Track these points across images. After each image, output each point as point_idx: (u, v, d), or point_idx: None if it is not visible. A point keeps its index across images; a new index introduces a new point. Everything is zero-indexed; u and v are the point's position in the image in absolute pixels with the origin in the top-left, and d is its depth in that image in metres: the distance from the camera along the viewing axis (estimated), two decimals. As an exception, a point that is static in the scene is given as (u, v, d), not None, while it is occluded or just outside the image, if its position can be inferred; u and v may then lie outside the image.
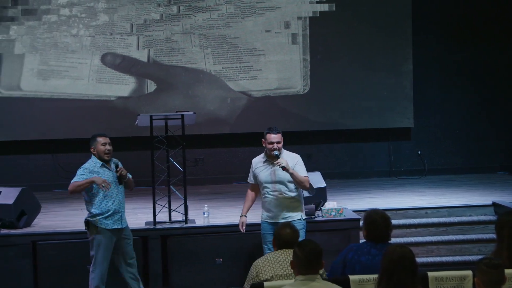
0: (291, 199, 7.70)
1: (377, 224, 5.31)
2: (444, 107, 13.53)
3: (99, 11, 12.51)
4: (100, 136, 7.83)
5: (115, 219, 7.64)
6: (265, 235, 7.74)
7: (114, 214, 7.63)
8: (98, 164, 7.65)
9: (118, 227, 7.66)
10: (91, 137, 7.87)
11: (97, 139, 7.77)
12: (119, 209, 7.68)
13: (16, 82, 12.42)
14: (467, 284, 5.07)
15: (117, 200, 7.66)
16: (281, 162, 7.46)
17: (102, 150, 7.69)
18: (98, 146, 7.71)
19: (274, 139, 7.62)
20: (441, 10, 13.40)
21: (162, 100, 12.68)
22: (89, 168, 7.61)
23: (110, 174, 7.65)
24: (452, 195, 11.09)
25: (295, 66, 12.89)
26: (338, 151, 13.39)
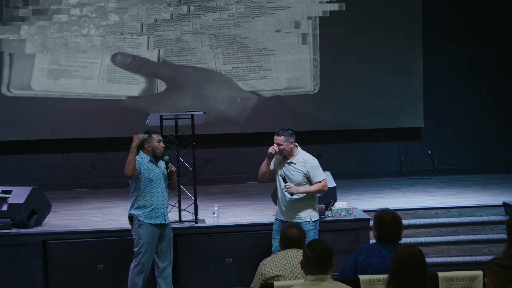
0: (302, 200, 7.62)
1: (388, 224, 5.28)
2: (454, 107, 13.50)
3: (110, 11, 12.54)
4: (155, 133, 7.87)
5: (158, 214, 7.71)
6: (275, 232, 7.72)
7: (158, 209, 7.70)
8: (146, 160, 7.72)
9: (161, 222, 7.73)
10: (144, 133, 7.83)
11: (153, 136, 7.80)
12: (162, 205, 7.76)
13: (26, 81, 12.46)
14: (477, 285, 5.05)
15: (161, 196, 7.75)
16: (288, 188, 7.47)
17: (158, 147, 7.75)
18: (153, 143, 7.75)
19: (275, 140, 7.55)
20: (452, 9, 13.37)
21: (172, 100, 12.70)
22: (138, 161, 7.67)
23: (157, 170, 7.73)
24: (463, 195, 11.06)
25: (305, 66, 12.88)
26: (348, 151, 13.38)
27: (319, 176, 7.61)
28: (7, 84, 12.42)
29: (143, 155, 7.75)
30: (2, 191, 9.11)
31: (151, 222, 7.69)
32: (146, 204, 7.68)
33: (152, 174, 7.69)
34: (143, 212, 7.67)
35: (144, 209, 7.68)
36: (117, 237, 8.77)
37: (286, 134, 7.56)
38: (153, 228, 7.71)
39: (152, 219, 7.69)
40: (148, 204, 7.68)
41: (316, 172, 7.60)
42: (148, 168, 7.69)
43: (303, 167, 7.56)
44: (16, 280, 8.55)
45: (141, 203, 7.68)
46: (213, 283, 8.76)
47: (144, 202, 7.68)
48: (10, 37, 12.37)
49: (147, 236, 7.69)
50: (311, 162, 7.65)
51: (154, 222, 7.70)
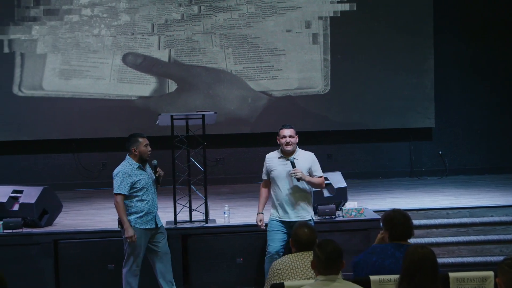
0: (304, 197, 7.75)
1: (398, 221, 5.24)
2: (465, 107, 13.47)
3: (121, 11, 12.57)
4: (141, 136, 7.83)
5: (148, 219, 7.72)
6: (272, 233, 7.73)
7: (148, 214, 7.72)
8: (135, 166, 7.69)
9: (151, 227, 7.75)
10: (130, 137, 7.86)
11: (139, 139, 7.78)
12: (153, 210, 7.78)
13: (38, 81, 12.50)
14: (489, 285, 5.04)
15: (151, 201, 7.76)
16: (296, 173, 7.52)
17: (145, 151, 7.73)
18: (141, 147, 7.72)
19: (286, 132, 7.66)
20: (463, 9, 13.34)
21: (183, 99, 12.71)
22: (127, 172, 7.64)
23: (146, 176, 7.73)
24: (474, 195, 11.03)
25: (315, 66, 12.88)
26: (359, 151, 13.37)
27: (320, 171, 7.80)
28: (19, 84, 12.47)
29: (131, 161, 7.71)
30: (14, 190, 9.14)
31: (142, 227, 7.69)
32: (137, 210, 7.68)
33: (142, 182, 7.68)
34: (134, 218, 7.66)
35: (135, 215, 7.67)
36: (128, 237, 8.78)
37: (293, 127, 7.75)
38: (144, 232, 7.72)
39: (143, 224, 7.70)
40: (140, 210, 7.68)
41: (318, 167, 7.80)
42: (137, 176, 7.66)
43: (306, 162, 7.70)
44: (27, 280, 8.58)
45: (132, 210, 7.67)
46: (223, 282, 8.76)
47: (135, 208, 7.67)
48: (22, 37, 12.41)
49: (138, 240, 7.67)
50: (313, 157, 7.84)
51: (145, 227, 7.71)
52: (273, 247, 7.71)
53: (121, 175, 7.63)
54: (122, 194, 7.59)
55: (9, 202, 9.03)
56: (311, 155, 7.83)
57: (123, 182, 7.60)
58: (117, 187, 7.61)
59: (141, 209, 7.67)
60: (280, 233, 7.72)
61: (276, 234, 7.73)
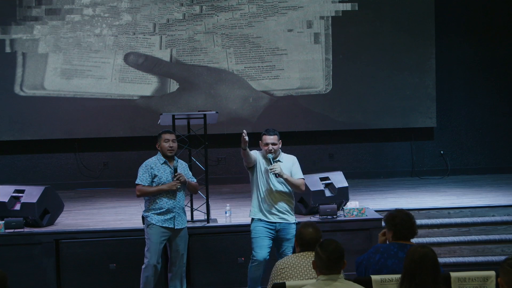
0: (287, 201, 7.59)
1: (402, 221, 5.23)
2: (467, 106, 13.47)
3: (122, 11, 12.57)
4: (165, 132, 7.85)
5: (167, 218, 7.69)
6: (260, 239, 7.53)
7: (168, 212, 7.68)
8: (161, 161, 7.73)
9: (169, 226, 7.70)
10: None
11: (161, 135, 7.81)
12: (173, 209, 7.70)
13: (39, 81, 12.50)
14: (490, 285, 5.04)
15: (173, 199, 7.70)
16: (274, 168, 7.40)
17: (165, 147, 7.74)
18: (161, 143, 7.77)
19: (269, 140, 7.53)
20: (464, 9, 13.34)
21: (184, 99, 12.72)
22: (150, 165, 7.71)
23: (170, 174, 7.72)
24: (475, 195, 11.03)
25: (317, 65, 12.88)
26: (360, 150, 13.37)
27: (300, 174, 7.66)
28: (20, 83, 12.47)
29: (159, 156, 7.79)
30: (15, 190, 9.14)
31: (159, 224, 7.67)
32: (156, 206, 7.68)
33: (163, 178, 7.68)
34: (152, 213, 7.68)
35: (153, 211, 7.68)
36: (130, 236, 8.79)
37: (277, 133, 7.61)
38: (161, 230, 7.69)
39: (160, 221, 7.68)
40: (158, 206, 7.67)
41: (299, 169, 7.67)
42: (160, 171, 7.70)
43: (288, 163, 7.60)
44: (29, 279, 8.58)
45: (152, 205, 7.70)
46: (225, 282, 8.77)
47: (154, 204, 7.69)
48: (23, 37, 12.42)
49: (154, 237, 7.67)
50: (295, 160, 7.73)
51: (162, 224, 7.69)
52: (261, 254, 7.50)
53: (144, 167, 7.72)
54: (141, 185, 7.64)
55: (11, 202, 9.03)
56: (294, 158, 7.73)
57: (145, 174, 7.66)
58: (137, 179, 7.68)
59: (159, 205, 7.66)
60: (267, 239, 7.52)
61: (263, 241, 7.52)
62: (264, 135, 7.59)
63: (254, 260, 7.57)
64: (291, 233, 7.52)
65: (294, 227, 7.54)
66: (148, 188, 7.64)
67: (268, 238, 7.55)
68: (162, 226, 7.69)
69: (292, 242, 7.41)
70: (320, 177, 9.42)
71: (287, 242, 7.54)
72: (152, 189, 7.63)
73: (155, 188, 7.63)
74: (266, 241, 7.53)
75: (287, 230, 7.54)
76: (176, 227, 7.75)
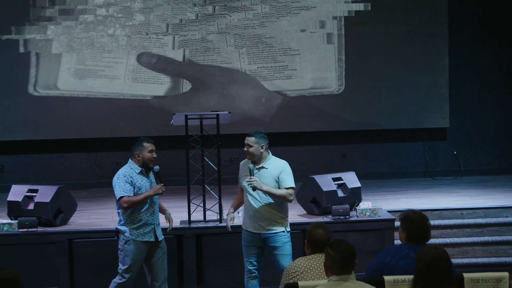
0: (273, 209, 7.27)
1: (418, 223, 5.22)
2: (480, 107, 13.42)
3: (135, 11, 12.60)
4: (148, 142, 7.33)
5: (146, 231, 7.29)
6: (247, 247, 7.39)
7: (146, 225, 7.29)
8: (136, 171, 7.28)
9: (149, 239, 7.32)
10: (136, 141, 7.42)
11: (144, 144, 7.30)
12: (152, 221, 7.34)
13: (53, 81, 12.55)
14: (503, 286, 5.02)
15: (151, 211, 7.33)
16: (252, 181, 7.11)
17: (148, 157, 7.27)
18: (144, 153, 7.27)
19: (246, 140, 7.33)
20: (477, 9, 13.29)
21: (197, 99, 12.73)
22: (128, 175, 7.23)
23: (148, 183, 7.32)
24: (488, 196, 11.00)
25: (330, 65, 12.86)
26: (373, 151, 13.35)
27: (289, 182, 7.23)
28: (34, 83, 12.52)
29: (133, 165, 7.31)
30: (29, 190, 9.17)
31: (139, 239, 7.24)
32: (134, 219, 7.25)
33: (143, 189, 7.25)
34: (130, 228, 7.24)
35: (131, 225, 7.24)
36: (142, 236, 8.80)
37: (257, 136, 7.35)
38: (141, 245, 7.27)
39: (140, 236, 7.24)
40: (137, 220, 7.24)
41: (287, 178, 7.25)
42: (138, 181, 7.26)
43: (275, 170, 7.26)
44: (42, 278, 8.61)
45: (129, 219, 7.24)
46: (237, 282, 8.75)
47: (132, 217, 7.25)
48: (37, 37, 12.46)
49: (134, 254, 7.26)
50: (284, 166, 7.33)
51: (142, 239, 7.26)
52: (251, 263, 7.41)
53: (122, 178, 7.21)
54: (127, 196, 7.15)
55: (24, 201, 9.07)
56: (283, 165, 7.33)
57: (126, 184, 7.16)
58: (119, 191, 7.17)
59: (138, 219, 7.23)
60: (254, 247, 7.36)
61: (251, 249, 7.38)
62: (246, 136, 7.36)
63: (247, 269, 7.47)
64: (280, 240, 7.31)
65: (284, 236, 7.32)
66: (135, 197, 7.15)
67: (255, 246, 7.37)
68: (142, 241, 7.27)
69: (283, 250, 7.31)
70: (333, 178, 9.42)
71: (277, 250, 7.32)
72: (139, 198, 7.15)
73: (142, 195, 7.16)
74: (253, 250, 7.37)
75: (274, 238, 7.30)
76: (159, 239, 7.38)
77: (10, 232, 8.70)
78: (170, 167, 12.36)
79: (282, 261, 7.27)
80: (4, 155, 12.83)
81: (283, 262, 7.25)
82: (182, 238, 8.84)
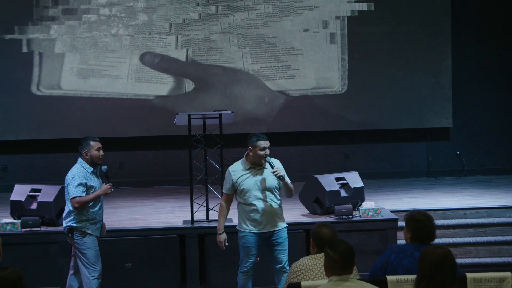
0: (278, 206, 7.36)
1: (423, 223, 5.23)
2: (483, 107, 13.42)
3: (138, 11, 12.61)
4: (94, 140, 7.50)
5: (97, 227, 7.50)
6: (250, 248, 7.38)
7: (98, 222, 7.50)
8: (89, 170, 7.44)
9: (97, 235, 7.52)
10: (82, 139, 7.60)
11: (90, 143, 7.47)
12: (101, 218, 7.58)
13: (56, 81, 12.56)
14: (506, 286, 5.02)
15: (101, 209, 7.55)
16: (279, 172, 7.16)
17: (96, 156, 7.45)
18: (92, 151, 7.44)
19: (266, 145, 7.26)
20: (481, 9, 13.29)
21: (200, 99, 12.74)
22: (83, 176, 7.37)
23: (98, 183, 7.50)
24: (491, 195, 11.00)
25: (333, 65, 12.86)
26: (376, 151, 13.35)
27: (288, 178, 7.37)
28: (37, 83, 12.54)
29: (84, 164, 7.46)
30: (32, 189, 9.17)
31: (96, 234, 7.47)
32: (89, 217, 7.41)
33: (97, 186, 7.43)
34: (86, 224, 7.41)
35: (87, 222, 7.41)
36: (145, 236, 8.82)
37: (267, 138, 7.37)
38: (95, 239, 7.48)
39: (95, 231, 7.46)
40: (92, 217, 7.42)
41: (285, 174, 7.36)
42: (91, 181, 7.42)
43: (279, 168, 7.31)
44: (45, 278, 8.62)
45: (84, 216, 7.38)
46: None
47: (88, 215, 7.40)
48: (40, 37, 12.48)
49: (94, 245, 7.46)
50: (280, 164, 7.43)
51: (95, 234, 7.47)
52: (251, 263, 7.42)
53: (77, 179, 7.34)
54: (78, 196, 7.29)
55: (27, 201, 9.07)
56: (278, 162, 7.41)
57: (79, 186, 7.31)
58: (73, 191, 7.32)
59: (93, 216, 7.43)
60: (255, 248, 7.38)
61: (253, 249, 7.38)
62: (259, 140, 7.27)
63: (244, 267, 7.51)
64: (283, 236, 7.37)
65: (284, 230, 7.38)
66: (85, 197, 7.30)
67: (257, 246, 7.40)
68: (96, 235, 7.48)
69: (285, 246, 7.35)
70: (336, 177, 9.42)
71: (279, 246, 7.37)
72: (89, 197, 7.31)
73: (92, 195, 7.32)
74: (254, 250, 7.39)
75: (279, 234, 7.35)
76: (101, 235, 7.60)
77: (13, 231, 8.72)
78: (173, 167, 12.40)
79: (282, 256, 7.35)
80: (7, 154, 12.85)
81: (282, 257, 7.34)
82: (185, 237, 8.85)
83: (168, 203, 10.89)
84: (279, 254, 7.36)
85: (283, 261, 7.29)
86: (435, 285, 4.37)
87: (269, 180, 7.29)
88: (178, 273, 8.69)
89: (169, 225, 8.98)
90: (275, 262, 7.39)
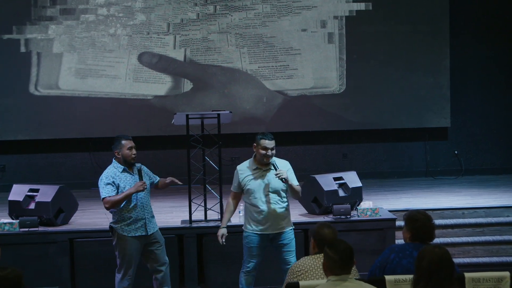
0: (284, 208, 7.34)
1: (423, 223, 5.22)
2: (481, 106, 13.42)
3: (136, 11, 12.60)
4: (126, 139, 7.48)
5: (137, 226, 7.42)
6: (253, 249, 7.39)
7: (137, 221, 7.42)
8: (120, 169, 7.41)
9: (141, 234, 7.43)
10: (115, 138, 7.56)
11: (122, 142, 7.44)
12: (143, 216, 7.44)
13: (54, 81, 12.55)
14: (504, 285, 5.03)
15: (140, 206, 7.44)
16: (281, 174, 7.08)
17: (129, 155, 7.41)
18: (124, 150, 7.40)
19: (268, 145, 7.19)
20: (479, 9, 13.29)
21: (198, 99, 12.74)
22: (111, 175, 7.37)
23: (132, 180, 7.43)
24: (490, 195, 11.00)
25: (331, 65, 12.86)
26: (374, 150, 13.35)
27: (296, 180, 7.36)
28: (35, 83, 12.53)
29: (116, 164, 7.44)
30: (30, 189, 9.18)
31: (130, 235, 7.40)
32: (124, 217, 7.38)
33: (127, 185, 7.36)
34: (121, 225, 7.40)
35: (122, 222, 7.39)
36: (143, 236, 8.81)
37: (273, 137, 7.35)
38: (134, 241, 7.42)
39: (132, 231, 7.39)
40: (126, 217, 7.38)
41: (294, 176, 7.35)
42: (122, 180, 7.38)
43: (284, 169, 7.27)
44: (43, 278, 8.62)
45: (119, 216, 7.39)
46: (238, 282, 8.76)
47: (122, 214, 7.38)
48: (38, 37, 12.47)
49: (128, 249, 7.41)
50: (289, 166, 7.40)
51: (134, 234, 7.40)
52: (253, 263, 7.43)
53: (104, 179, 7.35)
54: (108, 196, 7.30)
55: (26, 201, 9.07)
56: (287, 164, 7.38)
57: (108, 186, 7.30)
58: (102, 192, 7.33)
59: (127, 215, 7.38)
60: (260, 249, 7.39)
61: (257, 250, 7.39)
62: (262, 139, 7.25)
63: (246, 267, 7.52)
64: (288, 237, 7.38)
65: (291, 233, 7.40)
66: (115, 196, 7.27)
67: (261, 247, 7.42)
68: (134, 236, 7.41)
69: (291, 247, 7.37)
70: (334, 177, 9.42)
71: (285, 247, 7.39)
72: (119, 196, 7.26)
73: (122, 194, 7.27)
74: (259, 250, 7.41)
75: (284, 236, 7.37)
76: (149, 232, 7.49)
77: (11, 231, 8.72)
78: (171, 167, 12.38)
79: (290, 257, 7.35)
80: (5, 154, 12.84)
81: (290, 258, 7.34)
82: (183, 237, 8.86)
83: (166, 202, 10.89)
84: (286, 255, 7.36)
85: (291, 262, 7.22)
86: (433, 285, 4.37)
87: (274, 182, 7.26)
88: (176, 273, 8.69)
89: (168, 225, 8.96)
90: (282, 263, 7.39)
